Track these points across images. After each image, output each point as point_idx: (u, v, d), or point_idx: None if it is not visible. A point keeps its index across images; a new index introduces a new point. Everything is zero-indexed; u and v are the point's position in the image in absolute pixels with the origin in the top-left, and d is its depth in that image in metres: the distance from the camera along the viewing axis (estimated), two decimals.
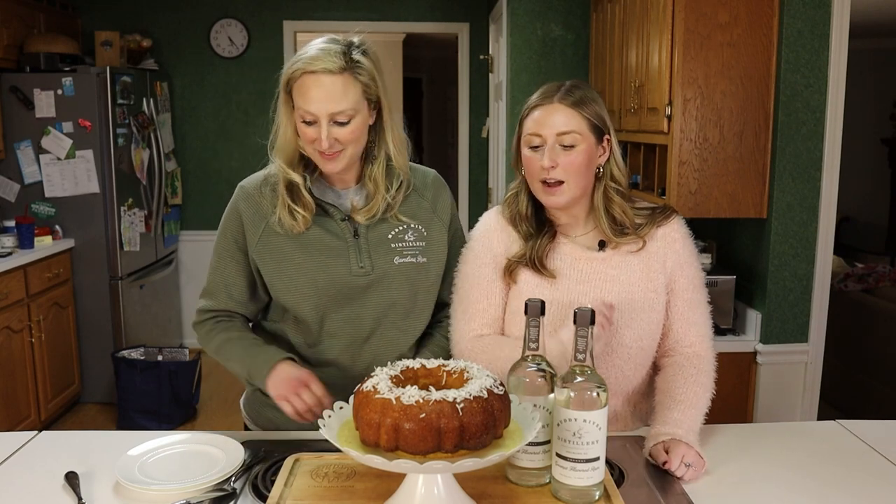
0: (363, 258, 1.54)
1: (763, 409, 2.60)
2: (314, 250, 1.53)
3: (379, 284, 1.55)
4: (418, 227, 1.58)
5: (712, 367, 1.55)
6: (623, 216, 1.53)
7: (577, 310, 1.17)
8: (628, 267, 1.54)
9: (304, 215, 1.51)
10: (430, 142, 10.01)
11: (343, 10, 5.04)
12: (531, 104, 1.52)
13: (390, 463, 1.04)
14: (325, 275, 1.53)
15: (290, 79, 1.46)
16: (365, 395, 1.10)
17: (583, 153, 1.48)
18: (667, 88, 2.51)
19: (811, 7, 2.42)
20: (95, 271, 4.15)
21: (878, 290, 3.70)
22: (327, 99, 1.43)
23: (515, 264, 1.55)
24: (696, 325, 1.57)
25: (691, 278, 1.57)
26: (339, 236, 1.54)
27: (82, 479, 1.33)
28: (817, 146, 2.48)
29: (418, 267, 1.57)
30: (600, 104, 1.53)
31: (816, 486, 1.33)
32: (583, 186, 1.51)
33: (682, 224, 1.59)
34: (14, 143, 4.01)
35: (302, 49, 1.48)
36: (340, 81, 1.43)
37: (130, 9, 4.94)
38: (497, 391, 1.11)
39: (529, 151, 1.51)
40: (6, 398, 3.47)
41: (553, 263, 1.55)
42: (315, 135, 1.45)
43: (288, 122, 1.51)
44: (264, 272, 1.56)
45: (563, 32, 3.72)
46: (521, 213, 1.57)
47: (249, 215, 1.55)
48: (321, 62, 1.43)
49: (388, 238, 1.56)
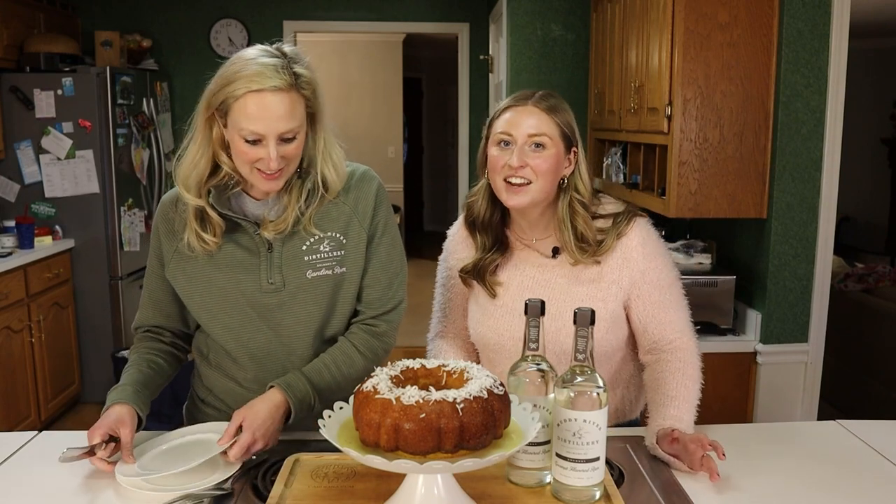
0: (273, 273, 1.47)
1: (763, 409, 2.60)
2: (224, 265, 1.48)
3: (293, 300, 1.49)
4: (335, 234, 1.50)
5: (697, 358, 1.55)
6: (585, 229, 1.54)
7: (577, 310, 1.17)
8: (578, 277, 1.55)
9: (213, 240, 1.45)
10: (430, 142, 10.01)
11: (343, 9, 5.04)
12: (503, 106, 1.54)
13: (390, 463, 1.04)
14: (235, 290, 1.48)
15: (227, 98, 1.36)
16: (365, 395, 1.10)
17: (552, 157, 1.50)
18: (667, 88, 2.51)
19: (811, 7, 2.42)
20: (95, 271, 4.15)
21: (878, 290, 3.70)
22: (276, 118, 1.35)
23: (465, 277, 1.63)
24: (672, 323, 1.56)
25: (655, 282, 1.55)
26: (251, 250, 1.48)
27: (83, 479, 1.34)
28: (817, 146, 2.48)
29: (335, 278, 1.50)
30: (571, 116, 1.55)
31: (816, 486, 1.33)
32: (547, 191, 1.52)
33: (641, 228, 1.56)
34: (14, 143, 4.01)
35: (231, 65, 1.38)
36: (288, 99, 1.36)
37: (130, 9, 4.94)
38: (497, 391, 1.11)
39: (497, 150, 1.52)
40: (6, 398, 3.47)
41: (502, 272, 1.60)
42: (258, 154, 1.37)
43: (205, 145, 1.43)
44: (177, 289, 1.53)
45: (563, 32, 3.72)
46: (480, 219, 1.62)
47: (164, 231, 1.53)
48: (268, 80, 1.33)
49: (302, 250, 1.48)
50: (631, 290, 1.55)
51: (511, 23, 3.71)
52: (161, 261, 1.55)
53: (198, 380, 1.67)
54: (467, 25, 5.11)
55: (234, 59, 1.40)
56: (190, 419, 1.69)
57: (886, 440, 1.52)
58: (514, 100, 1.53)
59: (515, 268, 1.60)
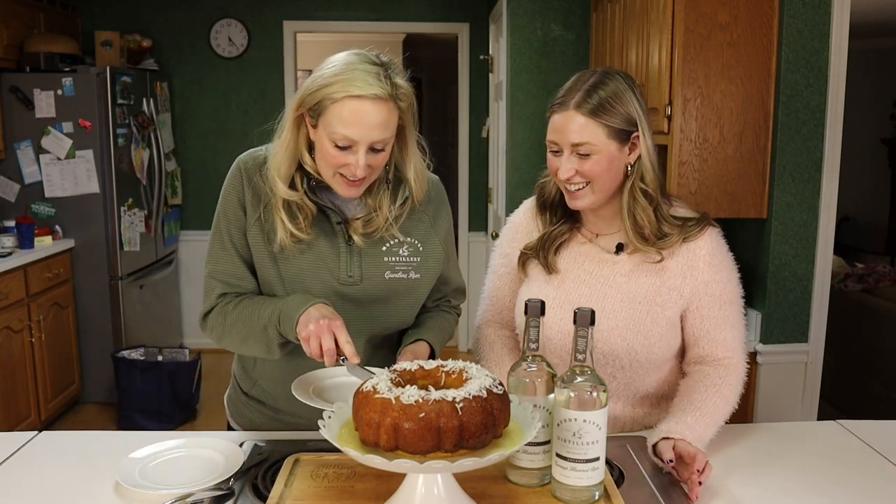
0: (353, 267, 1.48)
1: (763, 409, 2.59)
2: (306, 248, 1.47)
3: (367, 296, 1.49)
4: (414, 242, 1.52)
5: (739, 381, 1.50)
6: (645, 220, 1.47)
7: (578, 310, 1.17)
8: (639, 278, 1.50)
9: (305, 234, 1.44)
10: (430, 142, 9.92)
11: (343, 9, 5.04)
12: (553, 103, 1.48)
13: (390, 463, 1.04)
14: (314, 275, 1.47)
15: (324, 99, 1.35)
16: (364, 395, 1.10)
17: (600, 161, 1.44)
18: (667, 88, 2.51)
19: (811, 7, 2.41)
20: (95, 271, 4.16)
21: (878, 290, 3.70)
22: (371, 126, 1.34)
23: (526, 256, 1.59)
24: (725, 342, 1.51)
25: (717, 297, 1.50)
26: (331, 240, 1.48)
27: (82, 479, 1.33)
28: (817, 146, 2.48)
29: (409, 283, 1.52)
30: (626, 100, 1.44)
31: (816, 485, 1.33)
32: (606, 188, 1.47)
33: (712, 238, 1.51)
34: (14, 143, 4.01)
35: (330, 66, 1.37)
36: (385, 109, 1.35)
37: (130, 9, 4.95)
38: (496, 391, 1.11)
39: (551, 154, 1.49)
40: (6, 398, 3.47)
41: (562, 260, 1.55)
42: (346, 160, 1.36)
43: (292, 144, 1.42)
44: (255, 258, 1.49)
45: (563, 32, 3.72)
46: (548, 200, 1.59)
47: (250, 197, 1.48)
48: (370, 87, 1.32)
49: (383, 251, 1.50)
50: (691, 300, 1.50)
51: (511, 23, 3.71)
52: (241, 228, 1.48)
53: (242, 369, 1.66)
54: (467, 25, 5.11)
55: (332, 62, 1.38)
56: (236, 414, 1.69)
57: (886, 440, 1.52)
58: (563, 96, 1.46)
59: (575, 261, 1.55)
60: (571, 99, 1.44)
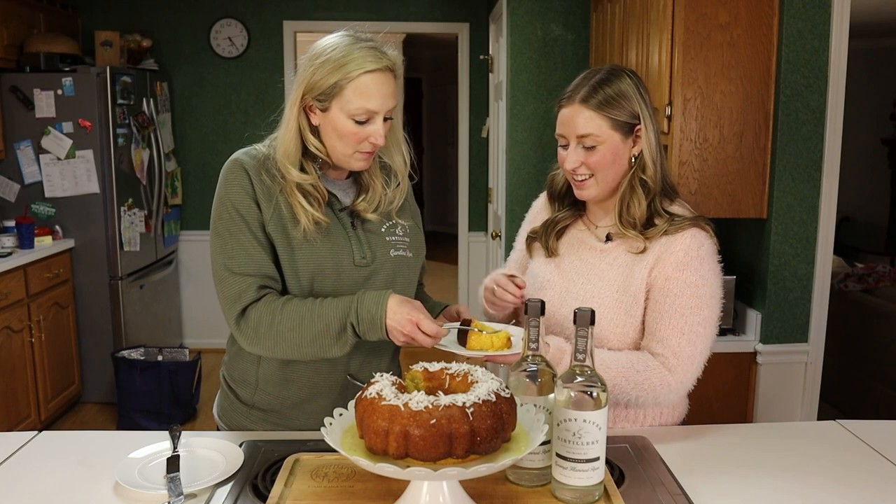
0: (364, 249, 1.54)
1: (763, 409, 2.60)
2: (321, 237, 1.50)
3: (377, 276, 1.55)
4: (403, 223, 1.62)
5: (664, 388, 1.46)
6: (636, 210, 1.51)
7: (578, 310, 1.17)
8: (620, 267, 1.54)
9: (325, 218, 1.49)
10: (430, 142, 10.00)
11: (343, 10, 5.04)
12: (561, 97, 1.55)
13: (404, 471, 1.02)
14: (332, 262, 1.50)
15: (340, 80, 1.41)
16: (370, 402, 1.07)
17: (605, 153, 1.50)
18: (667, 88, 2.51)
19: (811, 7, 2.42)
20: (95, 271, 4.16)
21: (878, 290, 3.71)
22: (387, 95, 1.45)
23: (532, 238, 1.72)
24: (665, 340, 1.47)
25: (672, 295, 1.47)
26: (340, 226, 1.54)
27: (82, 479, 1.33)
28: (817, 146, 2.48)
29: (408, 260, 1.60)
30: (631, 96, 1.49)
31: (816, 485, 1.33)
32: (610, 180, 1.54)
33: (694, 239, 1.49)
34: (14, 143, 4.01)
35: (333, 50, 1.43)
36: (393, 78, 1.47)
37: (130, 9, 4.94)
38: (504, 394, 1.10)
39: (560, 148, 1.57)
40: (6, 398, 3.47)
41: (562, 244, 1.65)
42: (367, 132, 1.45)
43: (297, 130, 1.48)
44: (279, 249, 1.49)
45: (563, 32, 3.72)
46: (557, 191, 1.68)
47: (262, 193, 1.48)
48: (379, 60, 1.43)
49: (383, 231, 1.58)
50: (651, 290, 1.50)
51: (511, 23, 3.71)
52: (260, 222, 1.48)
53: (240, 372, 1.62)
54: (467, 25, 5.11)
55: (330, 46, 1.45)
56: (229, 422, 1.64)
57: (886, 440, 1.52)
58: (570, 91, 1.52)
59: (571, 246, 1.63)
60: (578, 94, 1.51)
